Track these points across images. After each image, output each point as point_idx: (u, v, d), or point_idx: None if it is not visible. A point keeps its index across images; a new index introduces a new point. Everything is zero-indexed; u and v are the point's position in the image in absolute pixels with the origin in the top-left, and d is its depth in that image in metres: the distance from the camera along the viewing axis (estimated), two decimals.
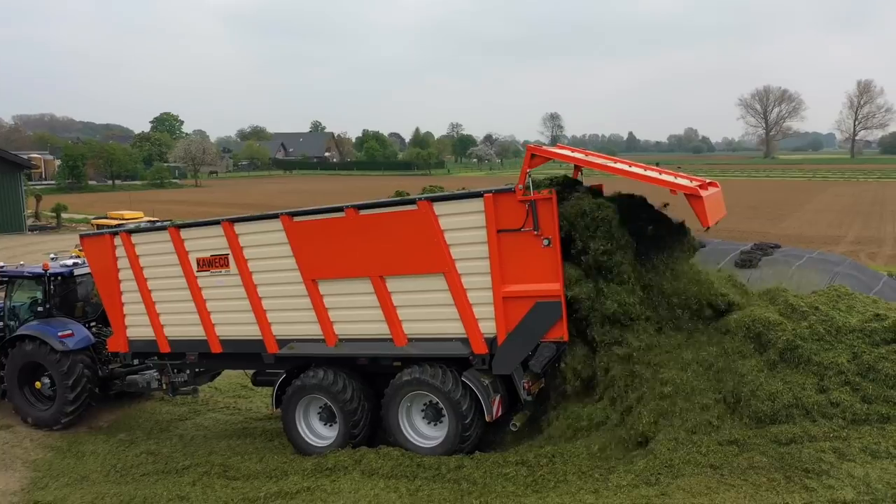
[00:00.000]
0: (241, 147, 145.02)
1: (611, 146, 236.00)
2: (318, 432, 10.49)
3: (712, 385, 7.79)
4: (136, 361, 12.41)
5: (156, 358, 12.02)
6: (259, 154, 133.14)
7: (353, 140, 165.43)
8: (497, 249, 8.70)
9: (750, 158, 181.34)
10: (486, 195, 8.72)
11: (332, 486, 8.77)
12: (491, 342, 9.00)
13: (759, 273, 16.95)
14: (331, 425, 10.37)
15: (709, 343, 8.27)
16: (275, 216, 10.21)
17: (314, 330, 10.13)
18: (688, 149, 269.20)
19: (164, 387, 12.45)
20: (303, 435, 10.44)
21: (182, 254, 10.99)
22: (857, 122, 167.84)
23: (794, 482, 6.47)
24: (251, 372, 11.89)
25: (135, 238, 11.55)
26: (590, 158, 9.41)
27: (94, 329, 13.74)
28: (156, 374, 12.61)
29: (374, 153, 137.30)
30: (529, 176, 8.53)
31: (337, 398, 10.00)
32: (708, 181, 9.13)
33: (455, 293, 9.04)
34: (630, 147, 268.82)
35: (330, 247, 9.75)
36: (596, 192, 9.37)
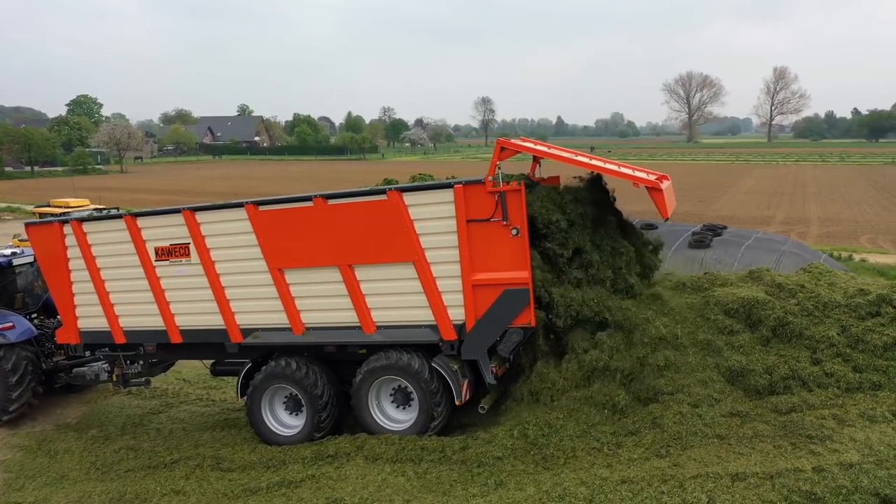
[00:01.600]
0: (164, 131, 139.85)
1: (540, 130, 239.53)
2: (283, 422, 10.50)
3: (710, 362, 8.19)
4: (87, 353, 12.10)
5: (107, 349, 11.71)
6: (185, 138, 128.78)
7: (283, 124, 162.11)
8: (467, 239, 8.91)
9: (674, 142, 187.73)
10: (456, 186, 8.92)
11: (336, 473, 8.75)
12: (460, 328, 9.22)
13: (713, 253, 17.76)
14: (296, 414, 10.40)
15: (700, 323, 8.68)
16: (239, 205, 10.10)
17: (280, 319, 10.11)
18: (614, 133, 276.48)
19: (115, 378, 12.15)
20: (268, 424, 10.44)
21: (139, 243, 10.72)
22: (773, 108, 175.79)
23: (799, 448, 6.91)
24: (209, 362, 11.76)
25: (87, 227, 11.17)
26: (552, 151, 9.71)
27: (36, 321, 13.34)
28: (105, 365, 12.30)
29: (305, 138, 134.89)
30: (499, 168, 8.77)
31: (305, 387, 10.04)
32: (660, 174, 9.62)
33: (424, 281, 9.20)
34: (559, 131, 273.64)
35: (297, 236, 9.75)
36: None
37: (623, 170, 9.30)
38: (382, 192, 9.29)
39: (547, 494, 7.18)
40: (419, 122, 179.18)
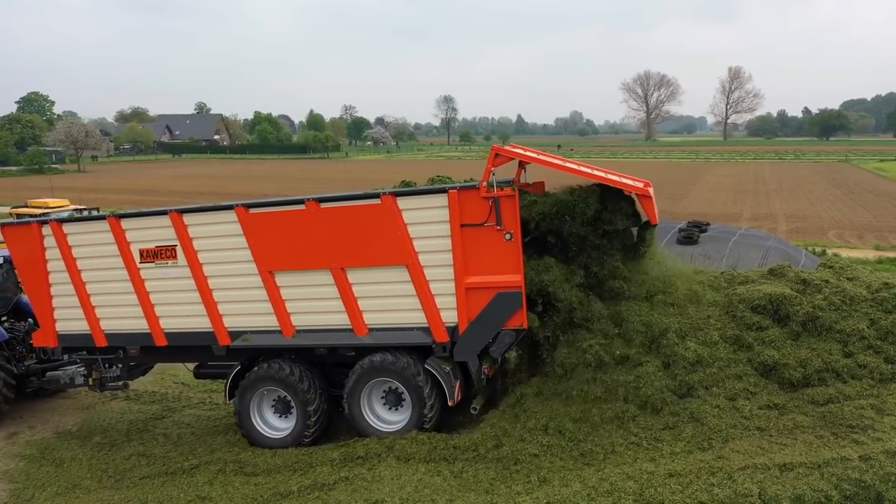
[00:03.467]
0: (119, 130, 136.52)
1: (501, 129, 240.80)
2: (271, 424, 10.50)
3: (742, 357, 8.38)
4: (65, 357, 11.87)
5: (84, 352, 11.48)
6: (143, 137, 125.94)
7: (242, 122, 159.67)
8: (460, 243, 9.03)
9: (632, 141, 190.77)
10: (450, 191, 9.03)
11: (370, 475, 8.67)
12: (452, 331, 9.34)
13: (702, 249, 18.13)
14: (285, 417, 10.40)
15: (727, 320, 8.87)
16: (229, 207, 10.04)
17: (270, 321, 10.08)
18: (574, 131, 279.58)
19: (91, 382, 11.90)
20: (257, 427, 10.42)
21: (123, 245, 10.57)
22: (728, 107, 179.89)
23: (842, 438, 7.10)
24: (192, 365, 11.66)
25: (67, 228, 10.93)
26: (544, 158, 9.88)
27: (6, 324, 13.02)
28: (81, 369, 12.07)
29: (267, 136, 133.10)
30: (493, 174, 8.91)
31: (295, 389, 10.06)
32: (644, 180, 9.86)
33: (418, 284, 9.29)
34: (519, 130, 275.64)
35: (288, 239, 9.74)
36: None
37: (612, 177, 9.51)
38: (376, 195, 9.37)
39: (594, 490, 7.22)
40: (380, 121, 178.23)
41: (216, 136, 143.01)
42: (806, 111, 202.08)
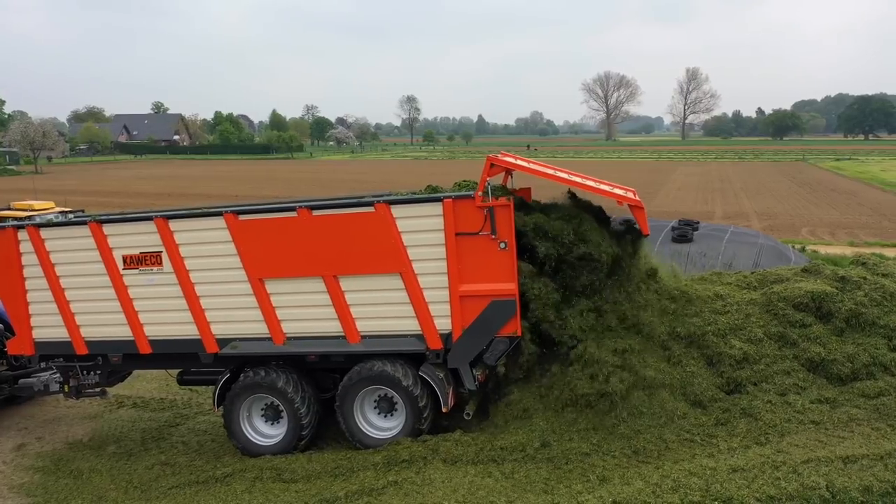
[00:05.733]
0: (74, 130, 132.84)
1: (462, 129, 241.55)
2: (261, 431, 10.39)
3: (787, 353, 8.54)
4: (42, 364, 11.52)
5: (61, 360, 11.18)
6: (99, 137, 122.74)
7: (200, 122, 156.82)
8: (455, 251, 9.07)
9: (594, 140, 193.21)
10: (445, 200, 9.06)
11: (419, 478, 8.57)
12: (446, 338, 9.40)
13: (697, 247, 18.45)
14: (275, 424, 10.32)
15: (768, 318, 9.03)
16: (217, 213, 9.88)
17: (260, 328, 9.98)
18: (534, 131, 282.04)
19: (67, 389, 11.59)
20: (247, 435, 10.31)
21: (105, 250, 10.30)
22: (686, 107, 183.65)
23: None
24: (175, 372, 11.46)
25: (45, 233, 10.59)
26: (534, 167, 9.95)
27: None
28: (56, 375, 11.71)
29: (229, 136, 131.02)
30: (488, 184, 8.99)
31: (286, 396, 9.98)
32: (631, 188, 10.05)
33: (412, 292, 9.31)
34: (480, 130, 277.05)
35: (279, 246, 9.65)
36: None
37: (602, 186, 9.64)
38: (370, 203, 9.34)
39: (658, 487, 7.24)
40: (340, 121, 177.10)
41: (176, 137, 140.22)
42: (759, 111, 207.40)
